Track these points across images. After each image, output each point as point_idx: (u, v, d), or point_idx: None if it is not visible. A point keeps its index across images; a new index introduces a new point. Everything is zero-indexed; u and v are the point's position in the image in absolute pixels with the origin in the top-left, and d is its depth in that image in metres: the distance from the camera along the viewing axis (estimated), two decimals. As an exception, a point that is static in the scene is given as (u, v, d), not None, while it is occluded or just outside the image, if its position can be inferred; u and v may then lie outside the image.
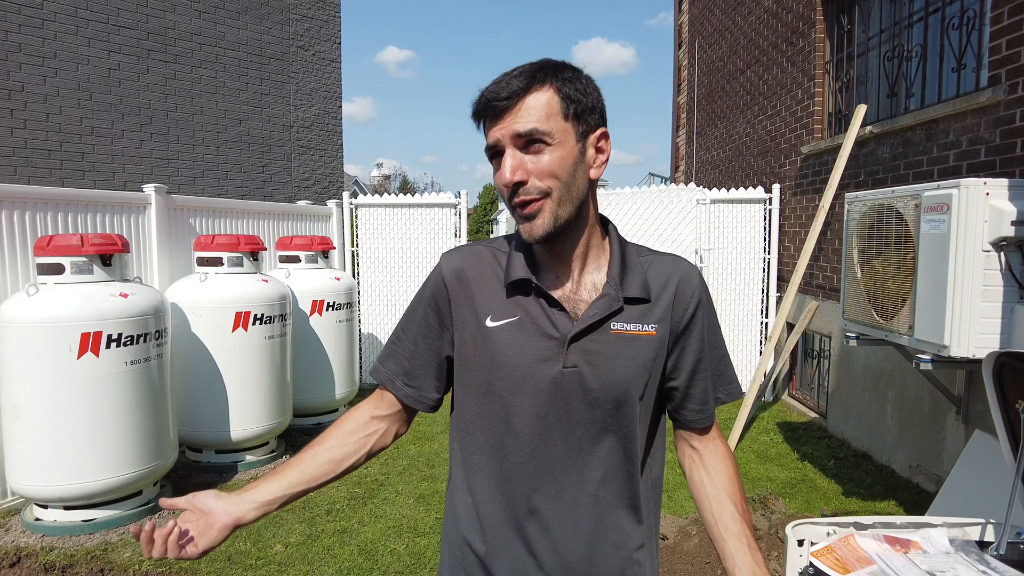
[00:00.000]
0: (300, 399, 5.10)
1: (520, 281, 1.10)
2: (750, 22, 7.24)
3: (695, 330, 1.14)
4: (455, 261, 1.17)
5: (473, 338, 1.12)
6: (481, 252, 1.17)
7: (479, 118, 1.07)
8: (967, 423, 3.66)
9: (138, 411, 3.55)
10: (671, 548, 3.31)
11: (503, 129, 1.03)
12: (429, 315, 1.17)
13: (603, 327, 1.09)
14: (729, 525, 1.12)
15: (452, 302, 1.14)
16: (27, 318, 3.29)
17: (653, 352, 1.11)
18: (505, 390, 1.09)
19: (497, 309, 1.11)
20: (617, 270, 1.11)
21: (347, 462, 1.17)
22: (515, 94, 1.02)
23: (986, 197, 2.80)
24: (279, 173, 8.71)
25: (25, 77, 6.27)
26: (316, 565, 3.21)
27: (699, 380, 1.17)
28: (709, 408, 1.18)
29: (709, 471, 1.18)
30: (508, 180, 1.02)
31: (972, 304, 2.83)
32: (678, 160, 10.68)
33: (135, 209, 4.56)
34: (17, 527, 3.54)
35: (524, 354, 1.08)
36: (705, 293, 1.17)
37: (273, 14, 8.50)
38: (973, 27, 3.85)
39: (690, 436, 1.21)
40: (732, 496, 1.15)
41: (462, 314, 1.13)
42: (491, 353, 1.10)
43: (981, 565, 1.44)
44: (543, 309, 1.09)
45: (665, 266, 1.15)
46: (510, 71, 1.06)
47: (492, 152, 1.06)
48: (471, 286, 1.13)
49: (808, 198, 5.75)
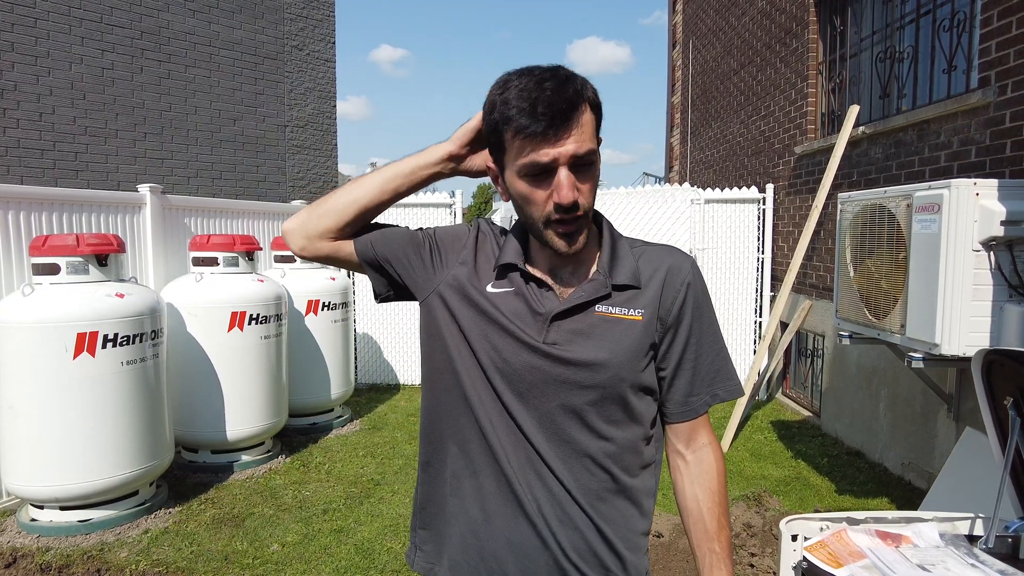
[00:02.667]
0: (296, 399, 5.11)
1: (510, 264, 1.14)
2: (744, 23, 7.28)
3: (684, 319, 1.14)
4: (485, 228, 1.23)
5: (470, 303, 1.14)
6: (499, 231, 1.23)
7: (519, 132, 1.01)
8: (958, 421, 3.70)
9: (134, 411, 3.55)
10: (666, 545, 3.34)
11: (561, 151, 1.00)
12: (434, 242, 1.21)
13: (588, 309, 1.11)
14: (701, 542, 1.15)
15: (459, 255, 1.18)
16: (23, 318, 3.29)
17: (637, 336, 1.11)
18: (483, 355, 1.11)
19: (494, 281, 1.15)
20: (608, 258, 1.13)
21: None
22: (570, 114, 1.00)
23: (976, 197, 2.83)
24: (273, 173, 8.70)
25: (18, 76, 6.25)
26: (313, 564, 3.22)
27: (684, 371, 1.16)
28: (694, 403, 1.16)
29: (691, 481, 1.17)
30: (570, 200, 1.02)
31: (963, 303, 2.86)
32: (672, 160, 10.72)
33: (130, 209, 4.56)
34: (13, 528, 3.53)
35: (509, 324, 1.11)
36: (698, 282, 1.16)
37: (267, 13, 8.48)
38: (964, 29, 3.89)
39: (677, 438, 1.19)
40: (710, 511, 1.15)
41: (449, 263, 1.18)
42: (491, 316, 1.12)
43: (970, 558, 1.47)
44: (531, 289, 1.13)
45: (657, 256, 1.17)
46: (544, 77, 1.01)
47: (541, 169, 1.02)
48: (479, 252, 1.19)
49: (801, 198, 5.80)
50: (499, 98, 1.04)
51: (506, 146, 1.04)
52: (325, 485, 4.21)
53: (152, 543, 3.40)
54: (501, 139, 1.05)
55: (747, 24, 7.17)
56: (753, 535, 3.41)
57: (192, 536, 3.49)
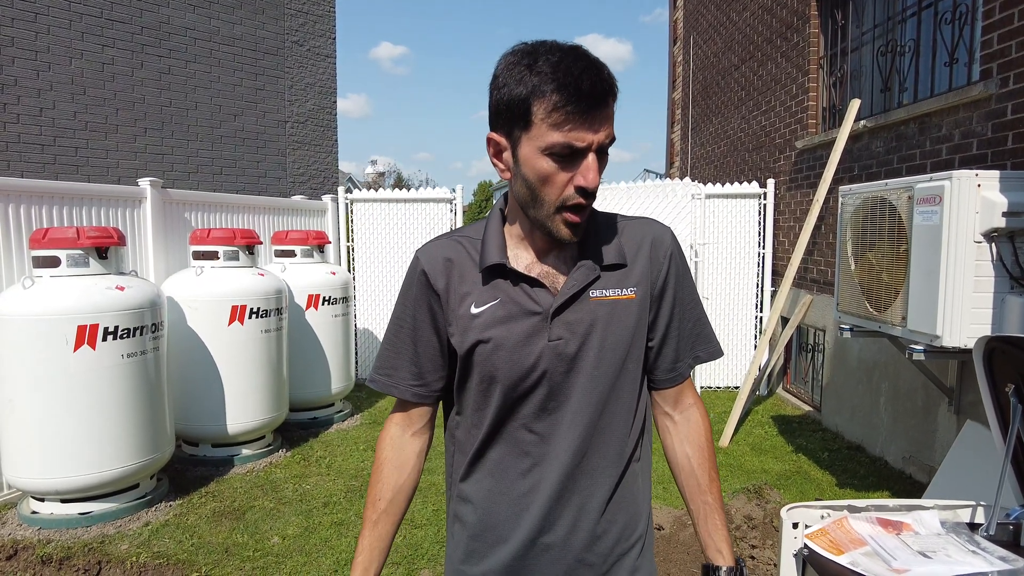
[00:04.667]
0: (296, 393, 5.11)
1: (496, 266, 1.11)
2: (744, 18, 7.27)
3: (668, 289, 1.16)
4: (431, 253, 1.17)
5: (462, 327, 1.12)
6: (453, 242, 1.17)
7: (559, 106, 0.96)
8: (959, 414, 3.70)
9: (134, 404, 3.55)
10: (667, 537, 3.34)
11: (596, 136, 0.99)
12: (420, 312, 1.16)
13: (583, 296, 1.10)
14: (694, 495, 1.20)
15: (437, 292, 1.14)
16: (23, 311, 3.29)
17: (635, 315, 1.13)
18: (499, 373, 1.10)
19: (478, 295, 1.11)
20: (592, 240, 1.13)
21: (416, 486, 1.25)
22: (610, 99, 0.99)
23: (978, 189, 2.83)
24: (273, 168, 8.70)
25: (18, 71, 6.24)
26: (313, 557, 3.22)
27: (671, 339, 1.18)
28: (680, 367, 1.20)
29: (681, 439, 1.21)
30: (596, 184, 1.02)
31: (964, 295, 2.86)
32: (673, 156, 10.71)
33: (130, 203, 4.55)
34: (13, 520, 3.54)
35: (511, 335, 1.09)
36: (678, 252, 1.18)
37: (268, 9, 8.47)
38: (965, 22, 3.88)
39: (664, 401, 1.22)
40: (700, 466, 1.20)
41: (449, 303, 1.14)
42: (479, 339, 1.10)
43: (971, 545, 1.46)
44: (523, 290, 1.10)
45: (637, 229, 1.17)
46: (580, 60, 0.98)
47: (568, 149, 0.99)
48: (451, 276, 1.14)
49: (802, 192, 5.79)
50: (528, 68, 0.99)
51: (532, 119, 0.99)
52: (326, 479, 4.21)
53: (153, 535, 3.40)
54: (527, 112, 0.99)
55: (748, 19, 7.16)
56: (754, 527, 3.41)
57: (193, 529, 3.49)
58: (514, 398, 1.11)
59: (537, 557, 1.14)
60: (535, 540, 1.13)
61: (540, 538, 1.13)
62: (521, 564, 1.14)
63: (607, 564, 1.15)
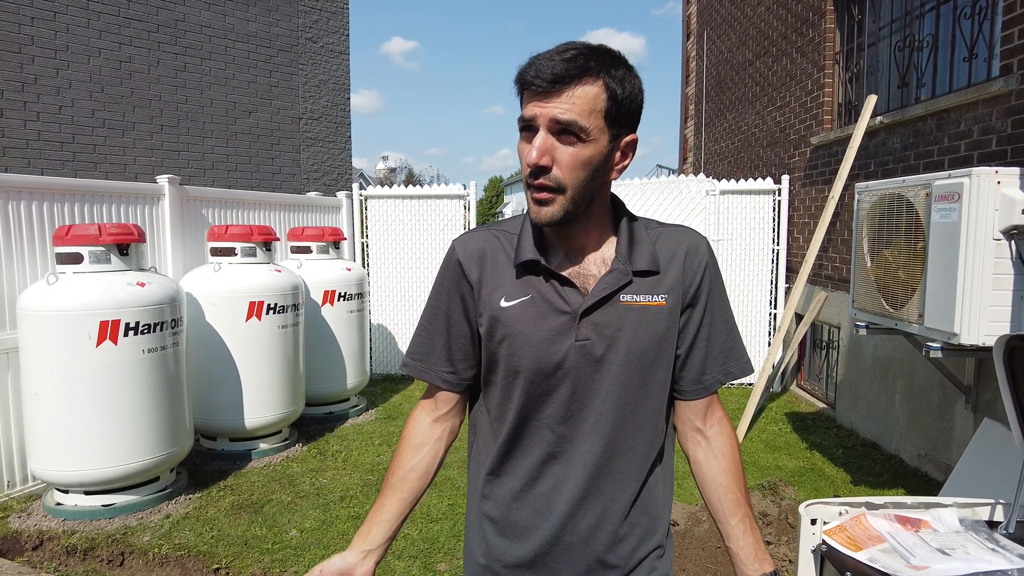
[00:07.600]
0: (312, 388, 5.16)
1: (530, 262, 1.12)
2: (759, 12, 7.22)
3: (700, 299, 1.16)
4: (467, 244, 1.18)
5: (491, 319, 1.14)
6: (490, 235, 1.19)
7: (521, 87, 1.04)
8: (976, 412, 3.68)
9: (155, 399, 3.60)
10: (682, 533, 3.35)
11: (544, 110, 1.01)
12: (453, 301, 1.18)
13: (613, 299, 1.10)
14: (734, 509, 1.17)
15: (471, 283, 1.16)
16: (47, 307, 3.35)
17: (664, 322, 1.13)
18: (523, 367, 1.12)
19: (510, 289, 1.13)
20: (626, 244, 1.13)
21: (432, 471, 1.24)
22: (564, 79, 1.00)
23: (997, 186, 2.81)
24: (288, 165, 8.75)
25: (38, 70, 6.32)
26: (331, 549, 3.27)
27: (698, 349, 1.17)
28: (707, 380, 1.18)
29: (715, 455, 1.20)
30: (533, 161, 1.02)
31: (982, 292, 2.84)
32: (686, 151, 10.66)
33: (149, 200, 4.61)
34: (39, 511, 3.61)
35: (539, 331, 1.10)
36: (713, 263, 1.18)
37: (282, 6, 8.51)
38: (985, 16, 3.84)
39: (692, 413, 1.20)
40: (736, 480, 1.18)
41: (481, 295, 1.16)
42: (507, 333, 1.12)
43: (991, 543, 1.47)
44: (554, 287, 1.11)
45: (673, 237, 1.17)
46: (564, 48, 1.02)
47: (525, 124, 1.05)
48: (484, 268, 1.15)
49: (817, 189, 5.76)
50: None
51: (521, 101, 1.06)
52: (342, 473, 4.26)
53: (174, 528, 3.46)
54: (520, 94, 1.06)
55: (763, 14, 7.11)
56: (769, 523, 3.42)
57: (212, 521, 3.54)
58: (537, 394, 1.12)
59: (558, 556, 1.15)
60: (558, 538, 1.14)
61: (562, 537, 1.14)
62: (542, 561, 1.16)
63: (628, 566, 1.17)
